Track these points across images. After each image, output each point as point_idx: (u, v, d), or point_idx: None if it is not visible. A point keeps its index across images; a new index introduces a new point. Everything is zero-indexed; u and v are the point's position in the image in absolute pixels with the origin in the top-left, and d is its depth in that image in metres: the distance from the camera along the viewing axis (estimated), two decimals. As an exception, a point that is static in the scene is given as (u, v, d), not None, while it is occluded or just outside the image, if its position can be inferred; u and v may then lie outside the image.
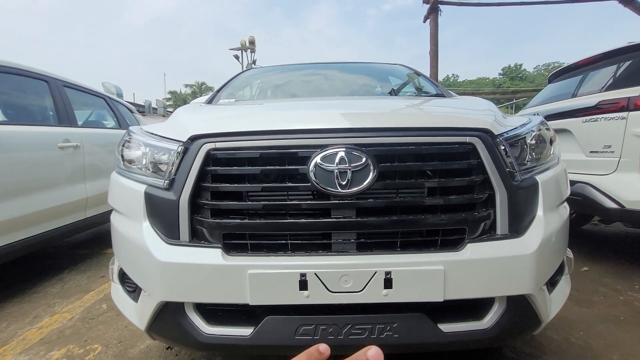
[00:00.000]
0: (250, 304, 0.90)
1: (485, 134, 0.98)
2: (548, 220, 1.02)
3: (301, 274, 0.88)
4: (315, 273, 0.88)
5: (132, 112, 4.09)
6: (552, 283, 1.07)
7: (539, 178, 1.05)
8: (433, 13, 8.47)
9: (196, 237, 0.97)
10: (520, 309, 0.95)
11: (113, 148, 3.14)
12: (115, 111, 3.65)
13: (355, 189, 0.89)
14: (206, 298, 0.93)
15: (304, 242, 0.95)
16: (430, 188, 0.97)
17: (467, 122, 1.05)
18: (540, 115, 2.70)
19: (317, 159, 0.90)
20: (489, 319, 0.95)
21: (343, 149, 0.90)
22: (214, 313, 0.98)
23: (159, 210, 1.00)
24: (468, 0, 8.68)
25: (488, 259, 0.91)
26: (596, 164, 2.29)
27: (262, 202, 0.95)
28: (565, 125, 2.58)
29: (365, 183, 0.89)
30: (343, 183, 0.89)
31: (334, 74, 2.56)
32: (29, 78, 2.53)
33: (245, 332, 0.93)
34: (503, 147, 0.99)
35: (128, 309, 1.11)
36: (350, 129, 0.97)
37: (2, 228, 1.99)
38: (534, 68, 55.39)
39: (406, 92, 2.37)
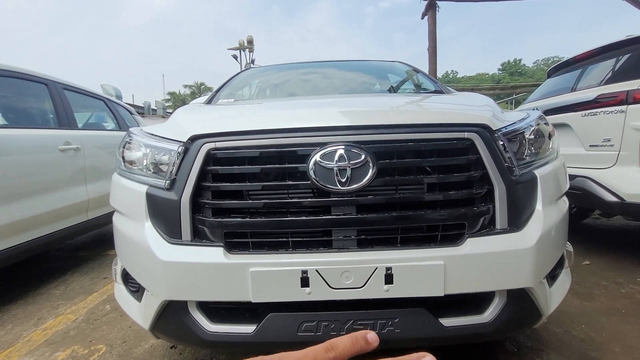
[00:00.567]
0: (252, 302, 0.91)
1: (483, 130, 0.98)
2: (547, 214, 1.02)
3: (302, 271, 0.89)
4: (316, 270, 0.89)
5: (132, 114, 4.10)
6: (552, 276, 1.08)
7: (538, 172, 1.05)
8: (431, 10, 8.45)
9: (198, 236, 0.98)
10: (520, 303, 0.96)
11: (113, 150, 3.14)
12: (115, 113, 3.65)
13: (354, 186, 0.90)
14: (209, 296, 0.94)
15: (305, 240, 0.95)
16: (429, 184, 0.97)
17: (465, 118, 1.05)
18: (539, 109, 2.70)
19: (317, 157, 0.91)
20: (490, 313, 0.95)
21: (342, 147, 0.91)
22: (217, 311, 0.99)
23: (161, 210, 1.01)
24: (466, -4, 8.65)
25: (488, 254, 0.92)
26: (596, 158, 2.30)
27: (263, 201, 0.96)
28: (564, 119, 2.59)
29: (364, 180, 0.90)
30: (343, 180, 0.90)
31: (333, 73, 2.56)
32: (29, 81, 2.53)
33: (248, 330, 0.94)
34: (501, 142, 1.00)
35: (132, 309, 1.12)
36: (349, 127, 0.97)
37: (5, 231, 2.00)
38: (534, 63, 55.23)
39: (405, 89, 2.37)
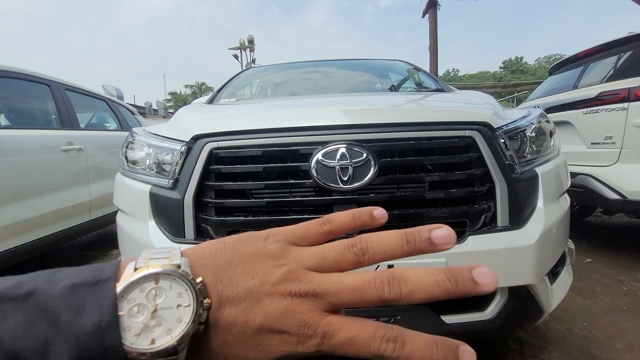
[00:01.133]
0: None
1: (484, 128, 0.99)
2: (548, 211, 1.03)
3: (305, 269, 0.89)
4: (318, 268, 0.89)
5: (134, 114, 4.11)
6: (554, 274, 1.09)
7: (539, 170, 1.06)
8: (432, 8, 8.44)
9: (201, 235, 0.99)
10: (522, 300, 0.96)
11: (115, 150, 3.16)
12: (116, 113, 3.67)
13: (356, 185, 0.91)
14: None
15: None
16: (430, 182, 0.98)
17: (466, 116, 1.06)
18: (540, 107, 2.70)
19: (319, 156, 0.91)
20: (491, 310, 0.96)
21: (344, 145, 0.92)
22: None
23: (164, 209, 1.02)
24: (467, -7, 8.63)
25: (489, 251, 0.92)
26: (598, 156, 2.29)
27: (266, 199, 0.97)
28: (566, 117, 2.58)
29: (366, 178, 0.91)
30: (344, 179, 0.90)
31: (334, 71, 2.56)
32: (31, 82, 2.55)
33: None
34: (502, 140, 1.00)
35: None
36: (350, 125, 0.98)
37: (9, 231, 2.02)
38: (535, 60, 55.08)
39: (406, 88, 2.37)
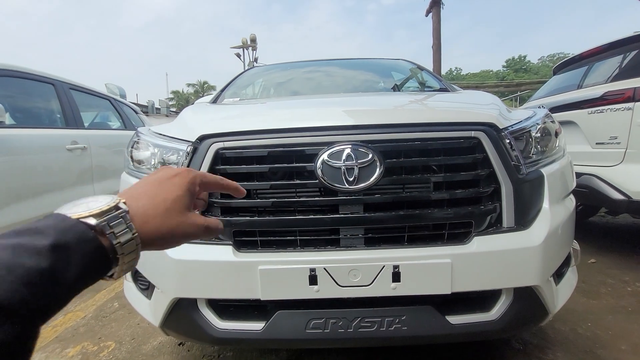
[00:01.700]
0: (261, 299, 0.92)
1: (490, 128, 0.99)
2: (554, 212, 1.02)
3: (311, 269, 0.90)
4: (324, 268, 0.90)
5: (137, 113, 4.13)
6: (559, 275, 1.08)
7: (545, 171, 1.06)
8: (435, 7, 8.41)
9: (207, 235, 0.99)
10: (527, 301, 0.96)
11: (119, 149, 3.18)
12: (120, 112, 3.69)
13: (362, 185, 0.91)
14: (218, 294, 0.95)
15: (313, 238, 0.97)
16: (436, 183, 0.98)
17: (472, 117, 1.06)
18: (545, 107, 2.69)
19: (324, 156, 0.92)
20: (496, 311, 0.96)
21: (349, 146, 0.92)
22: (226, 308, 1.01)
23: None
24: (470, -8, 8.59)
25: (495, 252, 0.92)
26: (602, 156, 2.28)
27: (271, 200, 0.97)
28: (570, 117, 2.57)
29: (372, 179, 0.91)
30: (350, 179, 0.91)
31: (337, 71, 2.56)
32: (36, 81, 2.57)
33: (256, 327, 0.95)
34: (508, 141, 1.00)
35: (142, 306, 1.13)
36: (356, 126, 0.98)
37: (15, 229, 2.03)
38: (539, 59, 54.84)
39: (409, 87, 2.37)
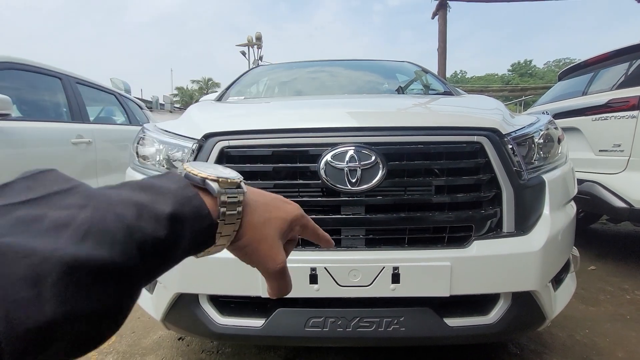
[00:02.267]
0: (262, 297, 0.93)
1: (493, 134, 1.00)
2: (554, 218, 1.03)
3: (311, 268, 0.91)
4: (325, 267, 0.91)
5: (142, 108, 4.15)
6: (558, 280, 1.09)
7: (546, 177, 1.06)
8: (441, 9, 8.39)
9: (210, 232, 1.01)
10: (525, 305, 0.97)
11: (124, 144, 3.20)
12: (125, 107, 3.71)
13: (364, 187, 0.92)
14: (220, 290, 0.97)
15: (314, 238, 0.97)
16: (437, 186, 0.99)
17: (475, 122, 1.06)
18: (548, 113, 2.69)
19: (328, 157, 0.93)
20: (494, 315, 0.97)
21: (353, 148, 0.93)
22: (227, 305, 1.02)
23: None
24: (477, -5, 8.57)
25: (494, 256, 0.93)
26: (605, 163, 2.28)
27: (274, 199, 0.98)
28: (574, 123, 2.57)
29: (374, 181, 0.92)
30: (353, 181, 0.92)
31: (342, 72, 2.57)
32: (43, 75, 2.59)
33: (256, 324, 0.97)
34: (510, 147, 1.01)
35: (144, 301, 1.15)
36: (360, 128, 0.99)
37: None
38: (544, 64, 54.55)
39: (414, 90, 2.37)
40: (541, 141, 1.12)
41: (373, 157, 0.92)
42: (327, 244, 0.43)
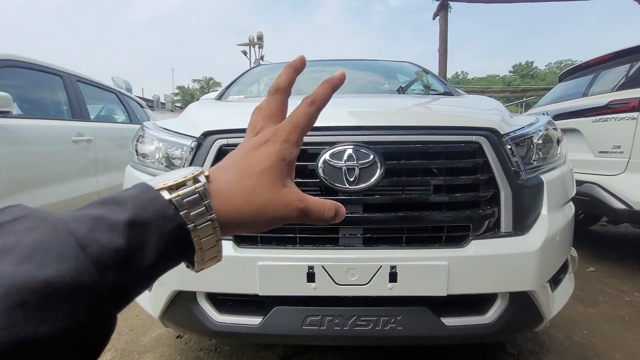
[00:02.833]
0: (259, 295, 0.93)
1: (491, 134, 1.00)
2: (552, 219, 1.03)
3: (309, 267, 0.91)
4: (322, 266, 0.91)
5: (142, 107, 4.16)
6: (556, 281, 1.09)
7: (545, 177, 1.06)
8: (443, 10, 8.39)
9: (208, 230, 1.01)
10: (522, 305, 0.97)
11: (124, 142, 3.21)
12: (126, 106, 3.71)
13: (362, 186, 0.92)
14: (217, 288, 0.97)
15: (312, 236, 0.98)
16: (436, 185, 0.99)
17: (474, 122, 1.07)
18: (548, 114, 2.69)
19: (326, 156, 0.93)
20: (491, 314, 0.97)
21: (351, 147, 0.93)
22: (225, 302, 1.02)
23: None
24: (479, -4, 8.56)
25: (491, 256, 0.93)
26: (605, 164, 2.28)
27: (272, 197, 0.98)
28: (574, 124, 2.57)
29: (372, 180, 0.92)
30: (351, 179, 0.92)
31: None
32: (44, 73, 2.59)
33: (254, 321, 0.97)
34: (509, 147, 1.01)
35: (142, 298, 1.15)
36: (358, 127, 0.99)
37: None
38: (546, 65, 54.46)
39: (414, 90, 2.37)
40: (540, 142, 1.12)
41: (371, 156, 0.92)
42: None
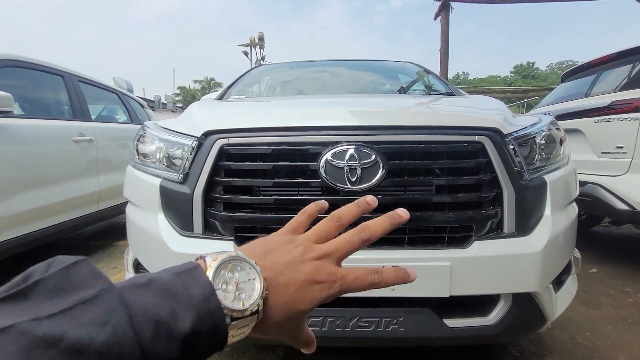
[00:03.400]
0: (260, 295, 0.93)
1: (494, 133, 0.99)
2: (556, 219, 1.02)
3: (310, 267, 0.90)
4: (324, 266, 0.90)
5: (144, 107, 4.16)
6: (559, 282, 1.08)
7: (548, 178, 1.06)
8: (444, 10, 8.38)
9: (209, 230, 1.01)
10: (525, 307, 0.96)
11: (125, 142, 3.21)
12: (127, 106, 3.71)
13: (364, 186, 0.91)
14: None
15: (313, 237, 0.97)
16: (438, 186, 0.98)
17: (476, 121, 1.06)
18: (551, 114, 2.67)
19: (328, 156, 0.92)
20: (494, 316, 0.96)
21: (353, 146, 0.92)
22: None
23: (174, 202, 1.03)
24: (480, -3, 8.56)
25: (494, 257, 0.93)
26: (607, 165, 2.27)
27: (274, 197, 0.98)
28: (576, 125, 2.56)
29: (374, 180, 0.91)
30: (352, 179, 0.91)
31: (344, 72, 2.57)
32: (45, 73, 2.59)
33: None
34: (512, 147, 1.00)
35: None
36: (360, 127, 0.98)
37: (19, 219, 2.06)
38: (547, 66, 54.36)
39: (415, 90, 2.37)
40: (543, 142, 1.11)
41: (373, 156, 0.92)
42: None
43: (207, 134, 1.02)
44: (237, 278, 0.29)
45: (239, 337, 0.29)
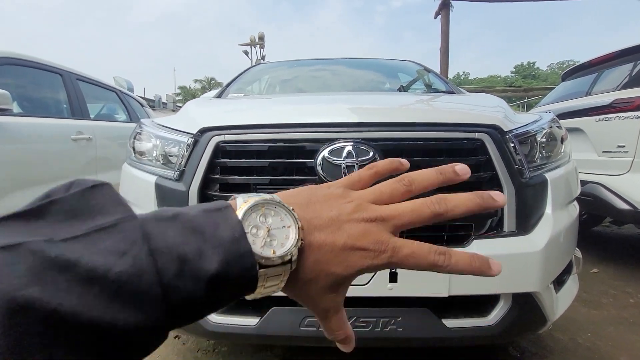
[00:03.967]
0: (256, 294, 0.91)
1: (494, 131, 0.97)
2: (556, 218, 1.01)
3: (307, 266, 0.89)
4: (320, 265, 0.89)
5: (143, 106, 4.15)
6: (560, 282, 1.07)
7: (549, 176, 1.04)
8: (444, 9, 8.36)
9: (205, 228, 0.99)
10: (525, 307, 0.95)
11: (124, 141, 3.19)
12: (126, 105, 3.71)
13: (362, 183, 0.90)
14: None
15: (310, 235, 0.96)
16: (437, 184, 0.97)
17: (476, 118, 1.04)
18: (552, 112, 2.66)
19: (325, 153, 0.91)
20: (494, 316, 0.95)
21: (350, 143, 0.91)
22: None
23: (169, 200, 1.02)
24: (481, -4, 8.54)
25: (494, 256, 0.90)
26: (609, 164, 2.25)
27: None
28: (577, 124, 2.54)
29: (372, 177, 0.90)
30: (350, 177, 0.90)
31: (343, 70, 2.56)
32: (44, 71, 2.58)
33: (251, 322, 0.95)
34: (512, 144, 0.99)
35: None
36: (357, 123, 0.97)
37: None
38: (548, 66, 54.22)
39: (415, 89, 2.35)
40: (544, 139, 1.10)
41: (371, 153, 0.90)
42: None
43: (203, 131, 1.01)
44: (270, 223, 0.26)
45: (270, 291, 0.26)
